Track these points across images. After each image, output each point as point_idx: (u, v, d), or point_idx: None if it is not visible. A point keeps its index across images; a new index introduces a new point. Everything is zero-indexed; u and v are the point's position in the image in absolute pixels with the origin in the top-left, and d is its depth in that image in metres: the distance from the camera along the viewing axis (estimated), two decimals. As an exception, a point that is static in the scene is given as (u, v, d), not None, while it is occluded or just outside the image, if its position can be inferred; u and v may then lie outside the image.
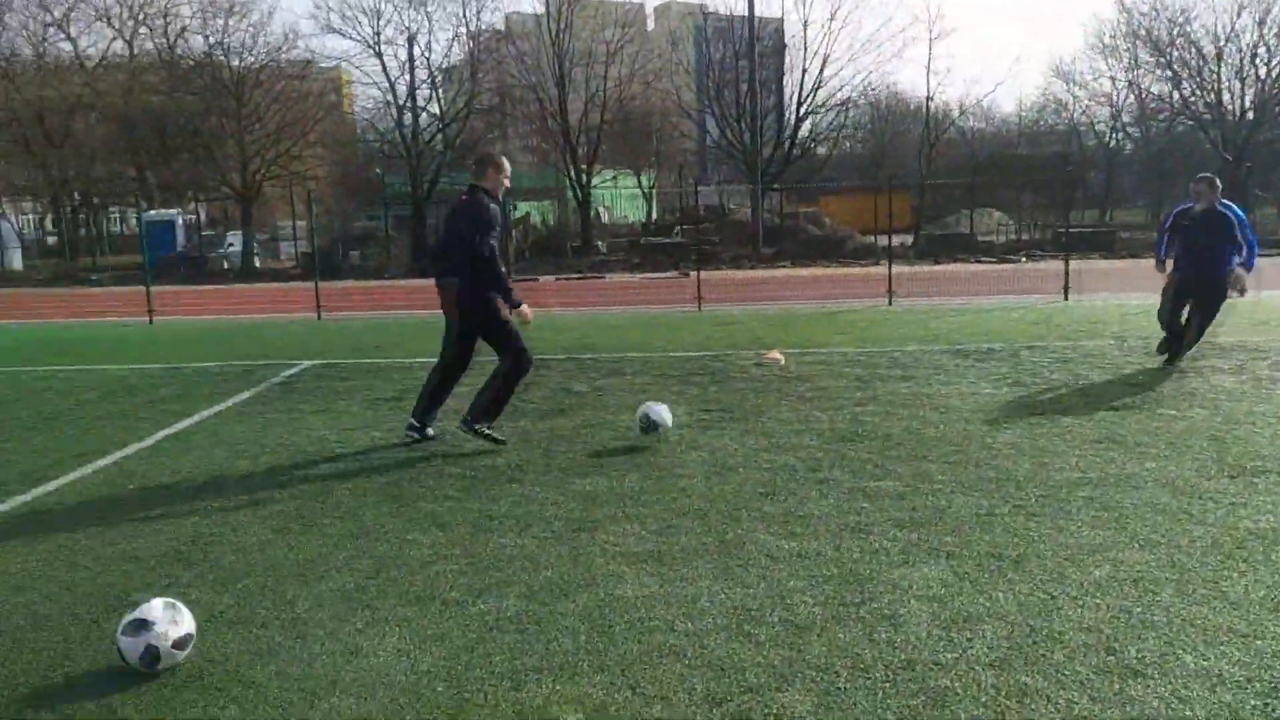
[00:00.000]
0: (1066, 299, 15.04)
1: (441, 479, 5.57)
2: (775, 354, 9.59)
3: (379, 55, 33.03)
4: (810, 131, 37.79)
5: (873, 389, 7.97)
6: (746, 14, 34.63)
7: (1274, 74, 35.95)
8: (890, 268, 15.47)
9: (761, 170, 32.44)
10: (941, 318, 13.18)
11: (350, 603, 3.83)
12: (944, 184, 34.97)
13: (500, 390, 6.29)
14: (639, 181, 40.90)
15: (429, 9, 35.18)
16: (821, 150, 39.58)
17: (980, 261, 26.00)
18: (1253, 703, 2.95)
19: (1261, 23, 35.72)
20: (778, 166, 34.56)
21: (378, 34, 32.74)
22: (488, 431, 6.21)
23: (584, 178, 34.23)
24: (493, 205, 6.10)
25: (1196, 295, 8.26)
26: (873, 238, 28.72)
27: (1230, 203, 8.11)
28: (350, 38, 33.39)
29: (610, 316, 14.78)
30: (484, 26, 36.01)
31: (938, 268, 24.23)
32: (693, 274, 21.93)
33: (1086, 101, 41.99)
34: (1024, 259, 25.46)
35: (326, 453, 6.24)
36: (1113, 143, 43.29)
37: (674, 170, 39.55)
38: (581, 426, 6.84)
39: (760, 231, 30.71)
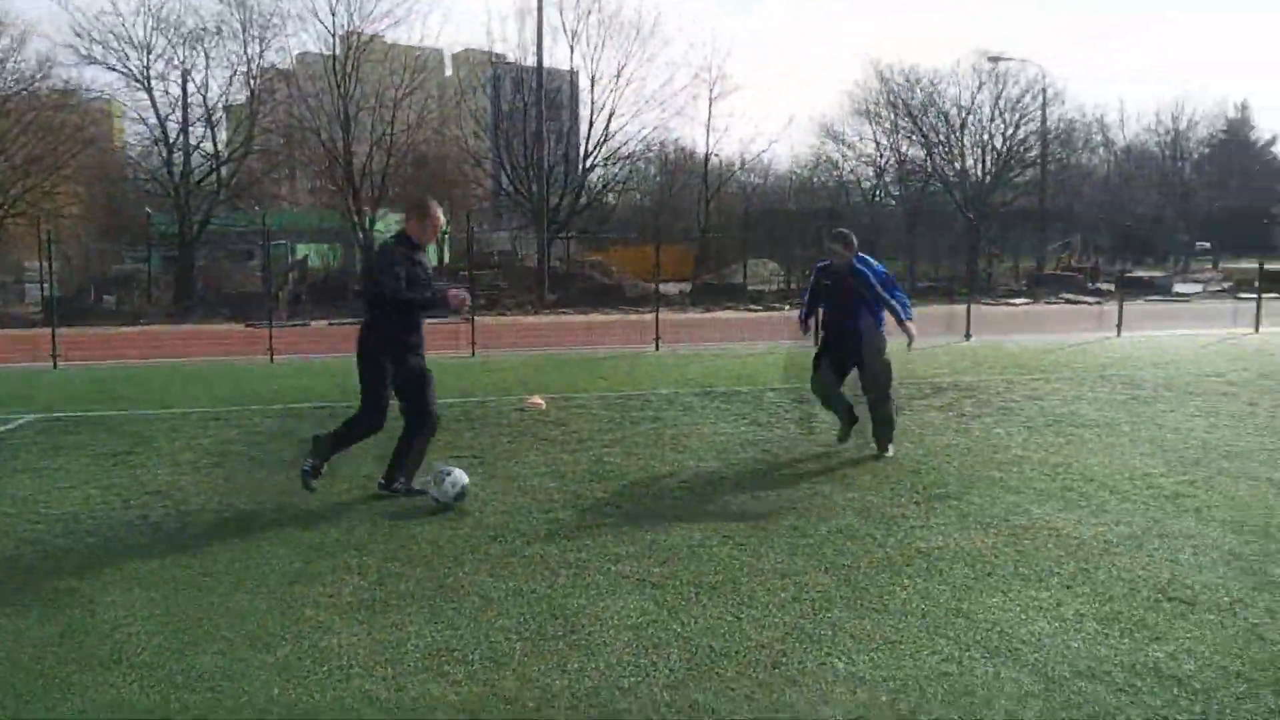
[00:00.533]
0: (817, 343, 16.18)
1: (157, 537, 5.31)
2: (536, 399, 9.77)
3: (148, 90, 31.13)
4: (599, 182, 38.81)
5: (622, 430, 8.28)
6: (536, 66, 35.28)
7: (1007, 145, 40.37)
8: (657, 315, 16.11)
9: (548, 219, 32.94)
10: (700, 362, 13.84)
11: (20, 673, 3.60)
12: (718, 236, 36.75)
13: (339, 435, 6.09)
14: (429, 226, 40.41)
15: (206, 45, 33.44)
16: (611, 199, 40.66)
17: (749, 309, 27.46)
18: (883, 699, 3.32)
19: (997, 99, 40.14)
20: (565, 215, 35.20)
21: (147, 68, 30.87)
22: (310, 475, 6.00)
23: (368, 221, 33.51)
24: (409, 250, 5.88)
25: (853, 360, 7.23)
26: (657, 287, 29.66)
27: (868, 258, 7.18)
28: (115, 70, 31.24)
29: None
30: (266, 66, 34.71)
31: (708, 315, 25.40)
32: (474, 319, 21.98)
33: (854, 161, 45.48)
34: (788, 307, 27.10)
35: (27, 515, 5.78)
36: (877, 199, 46.99)
37: (472, 215, 39.40)
38: (322, 478, 6.69)
39: (546, 278, 31.08)
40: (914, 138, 41.09)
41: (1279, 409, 8.98)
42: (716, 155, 40.46)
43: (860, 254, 7.17)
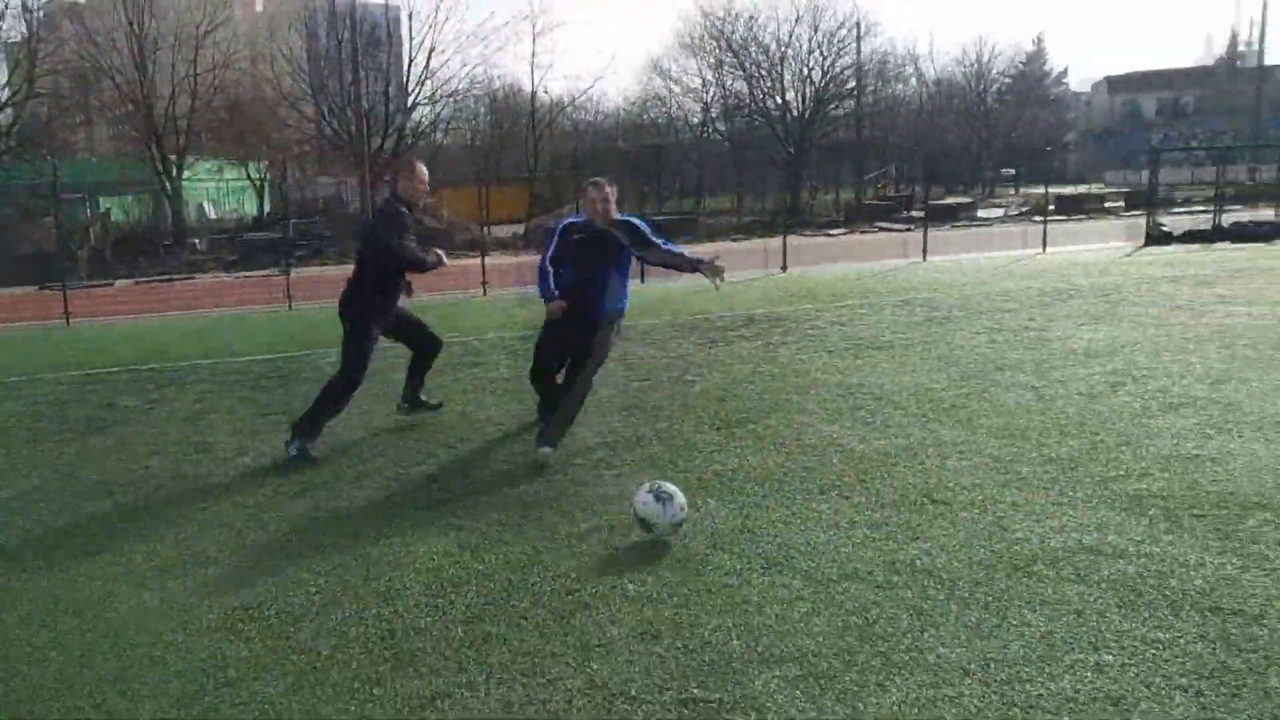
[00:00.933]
0: (642, 281, 16.45)
1: (-75, 519, 4.97)
2: (354, 350, 9.55)
3: (-95, 25, 27.95)
4: (425, 122, 37.74)
5: (441, 378, 8.22)
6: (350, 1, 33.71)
7: (825, 79, 41.64)
8: (484, 259, 15.99)
9: (372, 161, 31.82)
10: (528, 305, 13.78)
11: None
12: (546, 176, 36.57)
13: (322, 403, 6.04)
14: (248, 173, 38.40)
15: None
16: (439, 138, 39.68)
17: (584, 249, 27.47)
18: (667, 614, 3.54)
19: (815, 32, 41.26)
20: (389, 157, 34.06)
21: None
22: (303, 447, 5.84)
23: (174, 170, 31.45)
24: (402, 211, 6.04)
25: (575, 338, 5.85)
26: (486, 229, 29.31)
27: (629, 214, 6.15)
28: None
29: (190, 321, 13.84)
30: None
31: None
32: (294, 271, 21.13)
33: (681, 96, 45.88)
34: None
35: None
36: (705, 135, 47.66)
37: (289, 161, 37.58)
38: (117, 445, 6.40)
39: (372, 225, 30.11)
40: (737, 72, 41.80)
41: (1050, 322, 9.84)
42: (546, 92, 40.08)
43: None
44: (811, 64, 41.22)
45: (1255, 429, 5.57)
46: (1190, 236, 19.91)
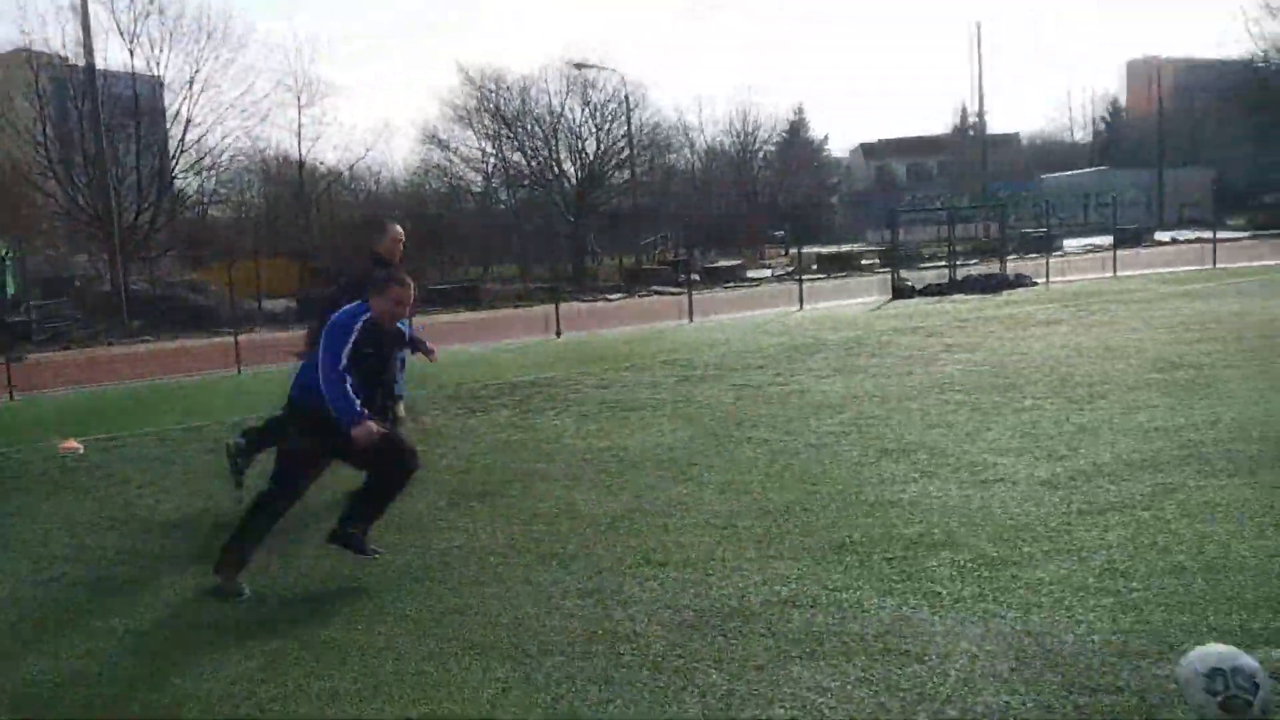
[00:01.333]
0: (412, 352, 16.11)
1: None
2: (71, 443, 8.74)
3: None
4: (189, 195, 35.79)
5: (169, 468, 7.65)
6: (85, 69, 31.48)
7: (600, 149, 42.88)
8: (236, 337, 15.16)
9: (121, 238, 29.68)
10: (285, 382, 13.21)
11: None
12: (330, 245, 35.46)
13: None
14: (-12, 254, 34.80)
15: None
16: (207, 210, 37.69)
17: (360, 321, 26.61)
18: (350, 710, 3.34)
19: (586, 104, 42.49)
20: (145, 233, 31.94)
21: None
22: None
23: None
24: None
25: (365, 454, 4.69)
26: (257, 304, 28.07)
27: None
28: None
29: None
30: None
31: (313, 330, 24.34)
32: (34, 357, 19.29)
33: (461, 166, 45.88)
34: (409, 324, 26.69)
35: None
36: (488, 205, 47.77)
37: (37, 239, 34.41)
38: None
39: (124, 304, 28.02)
40: (513, 143, 42.34)
41: (794, 377, 10.36)
42: (321, 163, 38.99)
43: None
44: (585, 135, 42.39)
45: (953, 470, 6.02)
46: (930, 290, 21.73)
